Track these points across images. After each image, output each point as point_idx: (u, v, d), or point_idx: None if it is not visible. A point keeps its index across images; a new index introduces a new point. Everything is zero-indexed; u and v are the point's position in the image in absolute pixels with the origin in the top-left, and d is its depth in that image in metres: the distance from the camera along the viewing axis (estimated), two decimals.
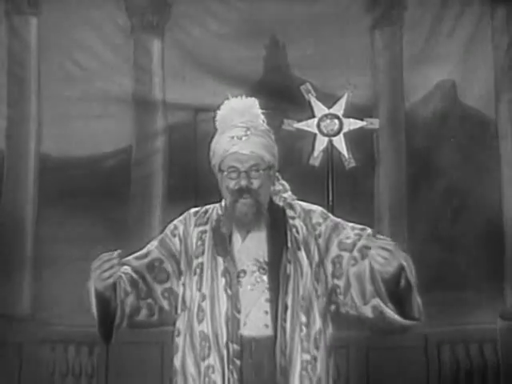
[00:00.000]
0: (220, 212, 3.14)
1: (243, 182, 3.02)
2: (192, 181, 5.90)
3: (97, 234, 6.34)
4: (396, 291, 2.90)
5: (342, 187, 5.74)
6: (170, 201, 6.29)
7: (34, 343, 6.41)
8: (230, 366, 2.95)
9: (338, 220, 3.18)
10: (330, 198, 5.52)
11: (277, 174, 3.23)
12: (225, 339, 2.97)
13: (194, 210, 3.21)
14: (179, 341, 3.08)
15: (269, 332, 2.99)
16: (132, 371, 6.00)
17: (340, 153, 5.57)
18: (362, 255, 3.02)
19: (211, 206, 3.20)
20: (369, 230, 3.13)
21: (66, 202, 6.44)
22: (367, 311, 2.99)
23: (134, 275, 3.05)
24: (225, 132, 3.10)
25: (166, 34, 6.76)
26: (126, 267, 3.05)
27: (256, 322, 2.99)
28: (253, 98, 3.19)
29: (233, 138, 3.06)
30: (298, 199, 3.29)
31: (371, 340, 6.23)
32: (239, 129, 3.08)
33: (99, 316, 2.97)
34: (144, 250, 3.15)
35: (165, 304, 3.11)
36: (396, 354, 6.20)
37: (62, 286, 6.32)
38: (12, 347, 6.38)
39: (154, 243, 3.17)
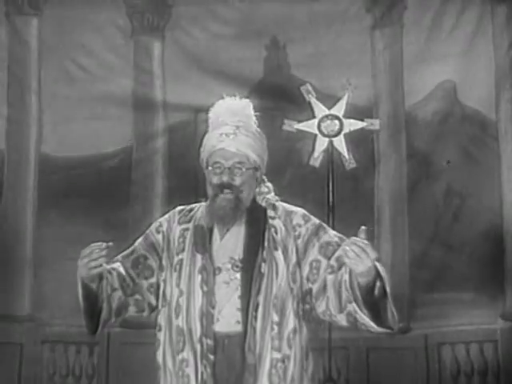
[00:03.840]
0: (203, 209, 3.20)
1: (225, 178, 3.09)
2: (192, 181, 5.89)
3: (97, 234, 6.32)
4: (371, 299, 2.93)
5: (343, 188, 5.74)
6: (170, 201, 6.28)
7: (34, 343, 6.42)
8: (204, 361, 3.00)
9: (320, 223, 3.20)
10: (331, 199, 5.52)
11: (263, 176, 3.26)
12: (199, 334, 3.02)
13: (179, 208, 3.26)
14: (160, 336, 3.13)
15: (240, 328, 3.03)
16: (132, 371, 6.01)
17: (340, 153, 5.56)
18: (339, 264, 3.04)
19: (197, 204, 3.25)
20: (348, 241, 3.13)
21: (66, 203, 6.44)
22: (342, 319, 3.03)
23: (123, 271, 3.12)
24: (215, 129, 3.18)
25: (166, 34, 6.76)
26: (117, 264, 3.14)
27: (228, 319, 3.04)
28: (247, 100, 3.25)
29: (221, 134, 3.13)
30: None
31: (371, 340, 6.23)
32: (229, 127, 3.15)
33: (84, 307, 3.05)
34: (130, 248, 3.22)
35: (152, 299, 3.17)
36: (396, 354, 6.20)
37: (62, 286, 6.31)
38: (12, 347, 6.39)
39: (140, 240, 3.23)
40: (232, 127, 3.15)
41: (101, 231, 6.33)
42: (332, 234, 3.16)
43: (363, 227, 2.91)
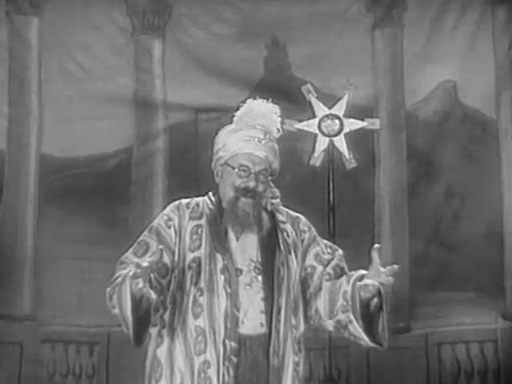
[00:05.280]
0: (211, 206, 3.14)
1: (252, 184, 3.06)
2: (192, 181, 5.91)
3: (97, 233, 6.36)
4: (367, 313, 2.98)
5: (343, 187, 5.75)
6: (170, 201, 6.31)
7: (34, 343, 6.42)
8: (226, 363, 2.97)
9: (315, 234, 3.25)
10: (331, 198, 5.52)
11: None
12: (222, 336, 2.98)
13: (185, 201, 3.18)
14: (164, 333, 3.07)
15: (264, 330, 3.02)
16: (132, 371, 6.00)
17: (341, 153, 5.57)
18: (335, 273, 3.11)
19: (199, 198, 3.19)
20: (340, 251, 3.21)
21: (67, 202, 6.44)
22: (329, 325, 3.08)
23: (151, 275, 2.99)
24: (242, 130, 3.13)
25: (166, 34, 6.76)
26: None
27: (253, 321, 3.02)
28: (276, 105, 3.22)
29: (252, 138, 3.09)
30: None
31: None
32: (258, 131, 3.12)
33: (134, 321, 2.90)
34: (142, 245, 3.11)
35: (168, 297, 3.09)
36: (396, 353, 6.19)
37: (62, 286, 6.33)
38: (12, 346, 6.39)
39: (149, 235, 3.12)
40: (262, 132, 3.11)
41: (101, 231, 6.34)
42: (323, 245, 3.21)
43: (377, 245, 2.98)
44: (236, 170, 3.07)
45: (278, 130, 3.20)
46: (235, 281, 3.03)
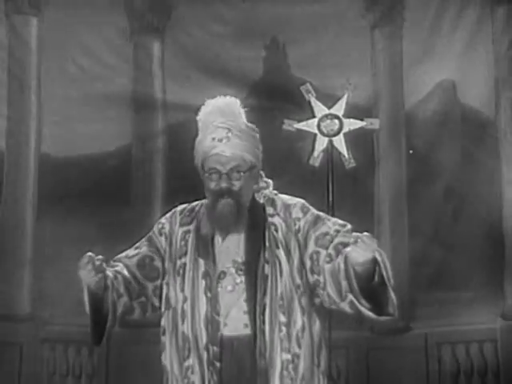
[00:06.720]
0: (204, 210, 3.13)
1: (224, 184, 3.02)
2: (192, 181, 5.90)
3: (96, 233, 6.35)
4: (369, 287, 2.89)
5: (342, 187, 5.74)
6: (170, 201, 6.28)
7: (34, 343, 6.42)
8: (210, 368, 2.97)
9: (319, 214, 3.14)
10: (330, 198, 5.51)
11: (261, 171, 3.19)
12: (204, 341, 2.98)
13: (180, 207, 3.20)
14: (165, 339, 3.10)
15: (248, 331, 3.00)
16: (132, 371, 6.01)
17: (340, 153, 5.56)
18: (336, 252, 2.99)
19: (198, 203, 3.19)
20: (349, 226, 3.10)
21: (66, 202, 6.44)
22: (345, 307, 2.98)
23: (127, 274, 3.05)
24: (207, 132, 3.09)
25: (166, 34, 6.77)
26: (120, 266, 3.06)
27: (236, 323, 3.00)
28: (233, 98, 3.17)
29: (214, 139, 3.05)
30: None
31: (371, 340, 6.24)
32: (221, 130, 3.06)
33: (92, 316, 2.97)
34: (134, 249, 3.16)
35: (155, 301, 3.12)
36: (396, 353, 6.20)
37: (62, 286, 6.31)
38: (12, 347, 6.39)
39: (143, 241, 3.18)
40: (224, 130, 3.06)
41: (101, 231, 6.34)
42: (331, 224, 3.10)
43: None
44: (207, 174, 3.05)
45: (244, 119, 3.12)
46: (216, 285, 3.01)
